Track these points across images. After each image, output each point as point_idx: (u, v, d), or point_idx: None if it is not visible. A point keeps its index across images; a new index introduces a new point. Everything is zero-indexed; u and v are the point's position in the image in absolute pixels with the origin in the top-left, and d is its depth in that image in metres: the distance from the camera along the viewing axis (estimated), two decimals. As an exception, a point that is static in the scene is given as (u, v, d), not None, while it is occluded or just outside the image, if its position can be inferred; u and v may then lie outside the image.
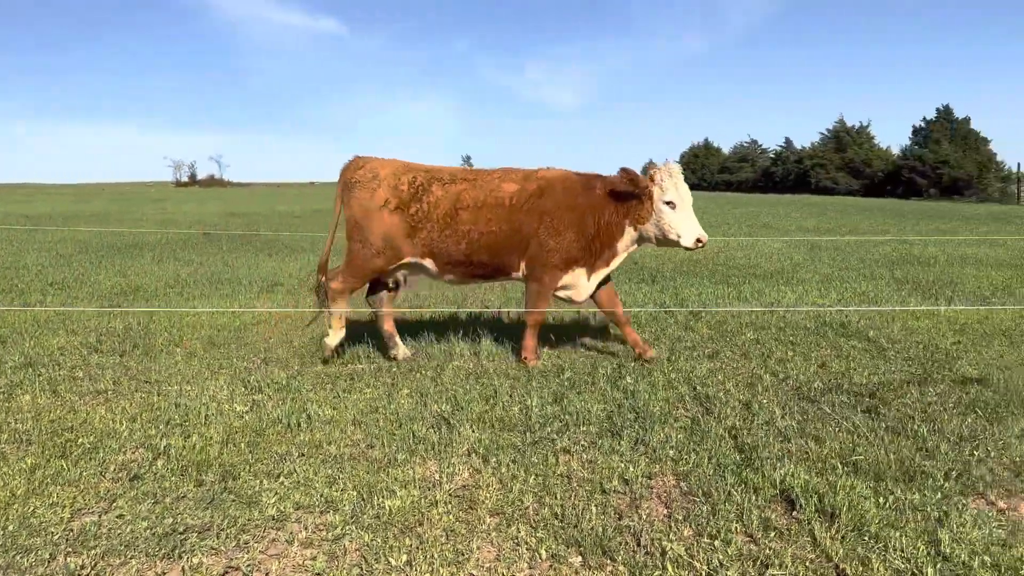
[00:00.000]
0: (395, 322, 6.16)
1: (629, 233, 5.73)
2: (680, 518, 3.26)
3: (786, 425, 4.34)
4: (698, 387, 5.14)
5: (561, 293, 5.89)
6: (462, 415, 4.54)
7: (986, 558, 2.85)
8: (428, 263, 5.79)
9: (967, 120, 47.83)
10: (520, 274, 5.82)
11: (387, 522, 3.23)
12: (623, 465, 3.82)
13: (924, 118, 49.63)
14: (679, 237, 5.52)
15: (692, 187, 5.86)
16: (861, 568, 2.82)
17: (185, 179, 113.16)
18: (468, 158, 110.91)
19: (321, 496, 3.49)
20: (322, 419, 4.51)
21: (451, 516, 3.30)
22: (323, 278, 5.96)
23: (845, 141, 54.98)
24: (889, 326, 7.00)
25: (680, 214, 5.57)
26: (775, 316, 7.56)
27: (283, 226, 21.74)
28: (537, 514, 3.32)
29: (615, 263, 5.89)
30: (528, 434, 4.25)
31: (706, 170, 72.04)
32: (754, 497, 3.41)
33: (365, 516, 3.29)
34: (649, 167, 5.69)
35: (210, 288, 9.68)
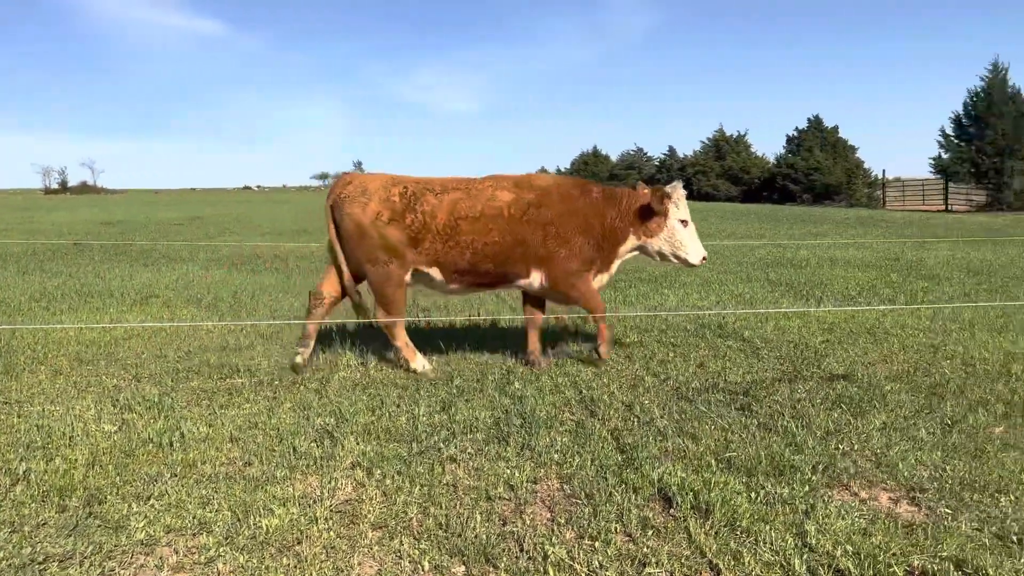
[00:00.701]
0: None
1: (631, 241, 5.93)
2: (563, 521, 3.29)
3: (665, 425, 4.47)
4: (584, 390, 5.23)
5: None
6: (346, 427, 4.46)
7: (848, 547, 3.00)
8: (434, 272, 5.77)
9: (836, 129, 50.67)
10: (533, 283, 5.85)
11: (264, 542, 3.12)
12: (509, 471, 3.83)
13: (796, 127, 52.22)
14: (687, 255, 5.84)
15: None
16: (733, 562, 2.92)
17: (55, 186, 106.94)
18: (359, 163, 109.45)
19: (194, 518, 3.33)
20: (197, 437, 4.32)
21: (332, 532, 3.22)
22: (353, 297, 5.90)
23: (724, 149, 57.24)
24: (763, 326, 7.32)
25: (689, 232, 5.85)
26: (657, 319, 7.78)
27: (161, 235, 20.81)
28: (421, 525, 3.28)
29: (614, 268, 6.09)
30: (414, 444, 4.20)
31: (595, 177, 73.72)
32: (634, 497, 3.49)
33: (240, 537, 3.16)
34: (645, 186, 5.95)
35: (79, 301, 9.14)
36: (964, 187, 37.35)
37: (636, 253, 6.10)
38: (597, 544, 3.08)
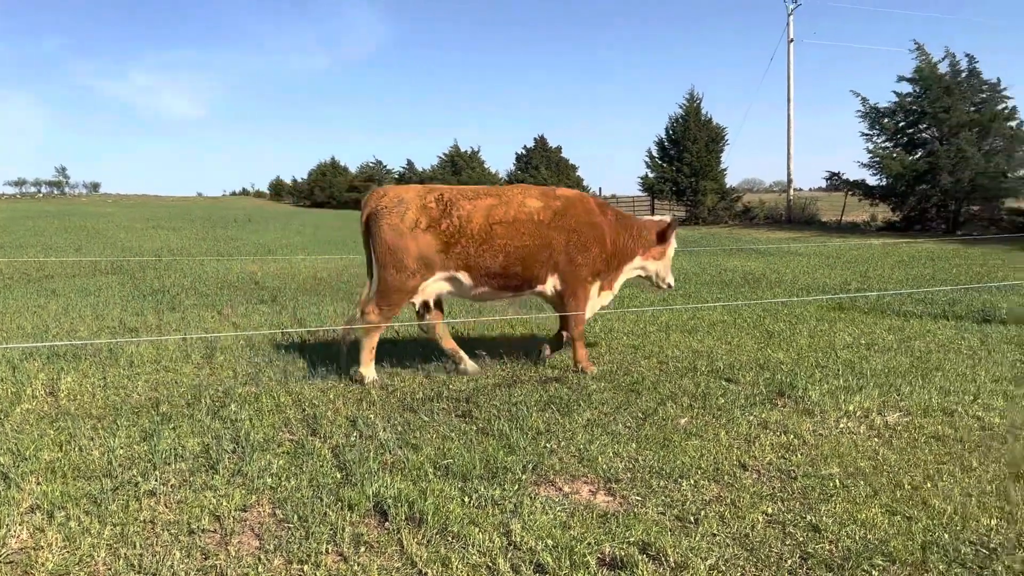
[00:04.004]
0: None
1: (637, 260, 6.57)
2: (271, 548, 3.14)
3: (387, 437, 4.45)
4: (307, 408, 5.07)
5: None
6: (26, 466, 3.93)
7: (549, 541, 3.17)
8: (463, 276, 5.91)
9: (559, 149, 54.52)
10: (547, 288, 6.19)
11: (-95, 611, 2.65)
12: (216, 500, 3.59)
13: (524, 146, 55.45)
14: (670, 279, 6.75)
15: (321, 205, 6.20)
16: (442, 569, 2.97)
17: None
18: (64, 169, 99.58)
19: None
20: None
21: (-3, 589, 2.81)
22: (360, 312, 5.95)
23: (460, 165, 59.16)
24: (490, 334, 7.59)
25: (669, 262, 6.74)
26: (390, 330, 7.79)
27: None
28: (110, 568, 2.97)
29: (618, 285, 6.59)
30: (108, 480, 3.81)
31: (335, 188, 72.12)
32: (349, 514, 3.43)
33: None
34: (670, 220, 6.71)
35: None
36: (667, 204, 41.69)
37: (639, 273, 6.70)
38: (306, 568, 2.98)
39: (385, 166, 71.54)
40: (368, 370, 5.83)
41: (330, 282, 12.36)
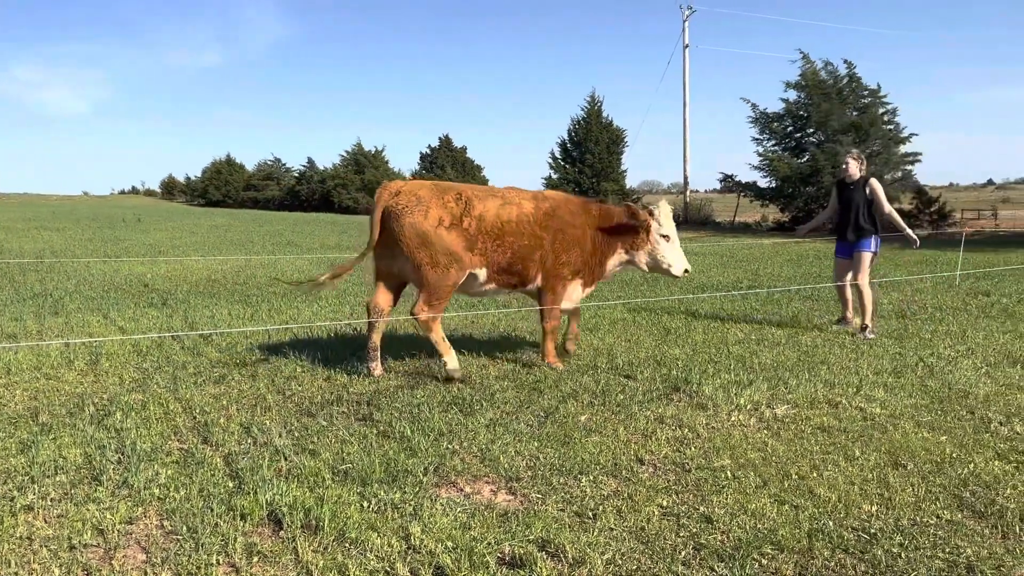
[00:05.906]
0: None
1: (620, 255, 6.56)
2: (159, 561, 3.00)
3: (283, 443, 4.33)
4: (198, 415, 4.88)
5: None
6: None
7: (449, 543, 3.15)
8: (481, 272, 6.01)
9: (464, 149, 54.65)
10: (534, 286, 6.31)
11: None
12: (100, 514, 3.41)
13: (429, 146, 55.34)
14: (670, 266, 6.54)
15: (216, 204, 5.85)
16: None
17: None
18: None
19: None
20: None
21: None
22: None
23: (363, 163, 58.38)
24: (395, 333, 7.50)
25: (672, 246, 6.54)
26: (288, 333, 7.61)
27: None
28: (-23, 593, 2.78)
29: (601, 280, 6.73)
30: (-21, 496, 3.56)
31: (231, 186, 69.85)
32: (242, 524, 3.31)
33: None
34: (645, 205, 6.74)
35: None
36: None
37: (625, 265, 6.71)
38: (196, 580, 2.86)
39: (284, 164, 69.93)
40: (450, 359, 5.82)
41: (225, 283, 11.97)
